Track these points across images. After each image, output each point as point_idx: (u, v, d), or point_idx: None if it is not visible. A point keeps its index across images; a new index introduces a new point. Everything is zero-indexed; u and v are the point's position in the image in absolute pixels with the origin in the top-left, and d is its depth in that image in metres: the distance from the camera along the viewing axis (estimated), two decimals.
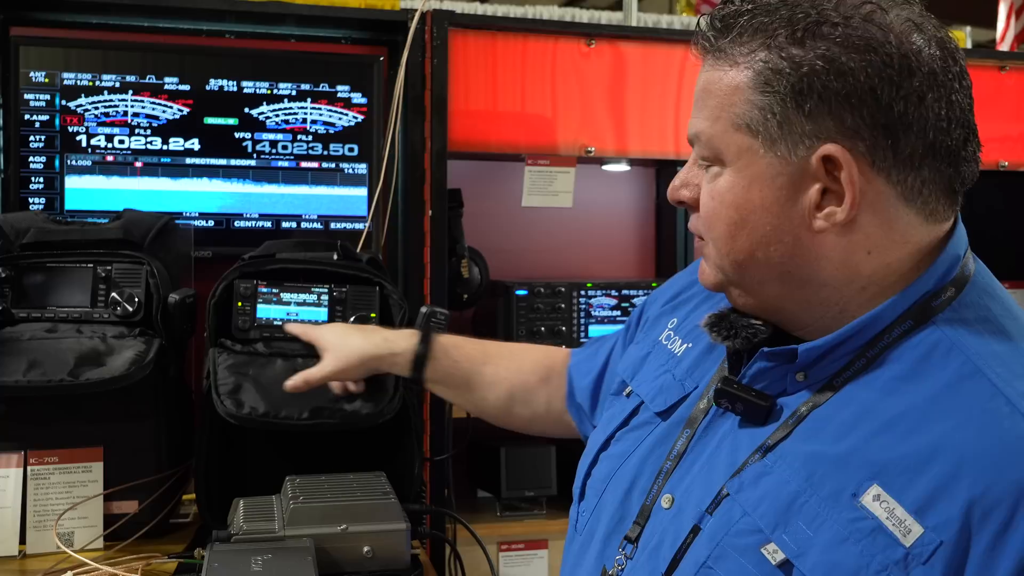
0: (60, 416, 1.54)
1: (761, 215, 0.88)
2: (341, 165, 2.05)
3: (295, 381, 1.47)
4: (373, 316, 1.64)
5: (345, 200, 2.06)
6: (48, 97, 1.92)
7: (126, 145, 1.96)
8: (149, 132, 1.97)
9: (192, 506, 1.73)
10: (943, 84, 0.84)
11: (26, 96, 1.91)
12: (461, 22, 2.00)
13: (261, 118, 2.01)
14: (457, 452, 1.99)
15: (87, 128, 1.94)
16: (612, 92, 2.09)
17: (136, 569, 1.39)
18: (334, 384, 1.50)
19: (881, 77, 0.82)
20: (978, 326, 0.87)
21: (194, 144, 1.99)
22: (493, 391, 1.41)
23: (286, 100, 2.02)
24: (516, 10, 3.73)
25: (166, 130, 1.97)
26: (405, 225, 2.05)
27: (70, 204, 1.94)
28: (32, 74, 1.91)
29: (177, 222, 1.85)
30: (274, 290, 1.64)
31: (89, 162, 1.95)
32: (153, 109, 1.96)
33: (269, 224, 2.03)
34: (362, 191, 2.06)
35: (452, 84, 1.98)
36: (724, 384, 0.93)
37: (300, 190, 2.04)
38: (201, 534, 1.57)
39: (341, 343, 1.47)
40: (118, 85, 1.95)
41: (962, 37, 4.25)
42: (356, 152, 2.06)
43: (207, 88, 1.98)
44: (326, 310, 1.65)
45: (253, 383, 1.51)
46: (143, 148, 1.97)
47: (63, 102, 1.93)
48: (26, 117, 1.91)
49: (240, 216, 2.01)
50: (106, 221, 1.72)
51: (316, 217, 2.05)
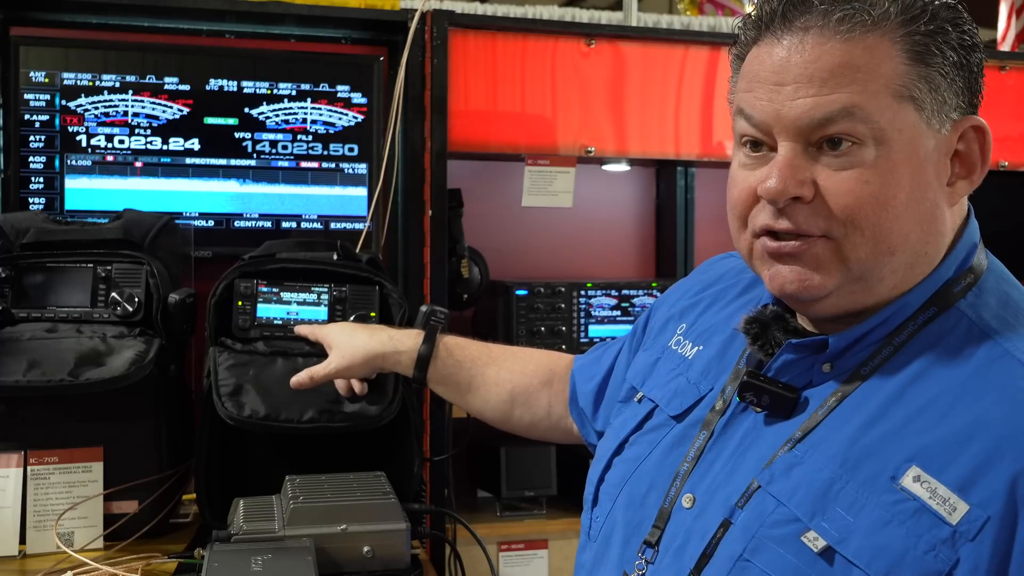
0: (60, 416, 1.54)
1: (924, 192, 0.86)
2: (341, 165, 2.05)
3: (300, 377, 1.47)
4: (373, 315, 1.65)
5: (345, 200, 2.06)
6: (48, 97, 1.92)
7: (126, 145, 1.96)
8: (149, 132, 1.97)
9: (192, 506, 1.73)
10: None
11: (26, 96, 1.91)
12: (461, 22, 2.01)
13: (261, 118, 2.01)
14: (457, 452, 2.00)
15: (87, 128, 1.94)
16: (612, 92, 2.08)
17: (136, 569, 1.39)
18: (339, 383, 1.50)
19: (981, 53, 0.89)
20: (1001, 311, 0.88)
21: (194, 144, 1.99)
22: (494, 392, 1.41)
23: (286, 100, 2.02)
24: (516, 10, 3.72)
25: (166, 130, 1.97)
26: (405, 225, 2.05)
27: (70, 204, 1.94)
28: (32, 74, 1.91)
29: (177, 222, 1.85)
30: (274, 290, 1.65)
31: (89, 162, 1.95)
32: (153, 109, 1.96)
33: (269, 224, 2.03)
34: (362, 191, 2.06)
35: (452, 84, 1.98)
36: (750, 377, 0.93)
37: (300, 190, 2.04)
38: (201, 534, 1.57)
39: (347, 341, 1.47)
40: (118, 85, 1.95)
41: None
42: (356, 152, 2.06)
43: (207, 88, 1.98)
44: (326, 309, 1.65)
45: (254, 384, 1.51)
46: (143, 148, 1.96)
47: (63, 102, 1.93)
48: (26, 117, 1.91)
49: (240, 216, 2.01)
50: (106, 221, 1.72)
51: (316, 217, 2.05)
